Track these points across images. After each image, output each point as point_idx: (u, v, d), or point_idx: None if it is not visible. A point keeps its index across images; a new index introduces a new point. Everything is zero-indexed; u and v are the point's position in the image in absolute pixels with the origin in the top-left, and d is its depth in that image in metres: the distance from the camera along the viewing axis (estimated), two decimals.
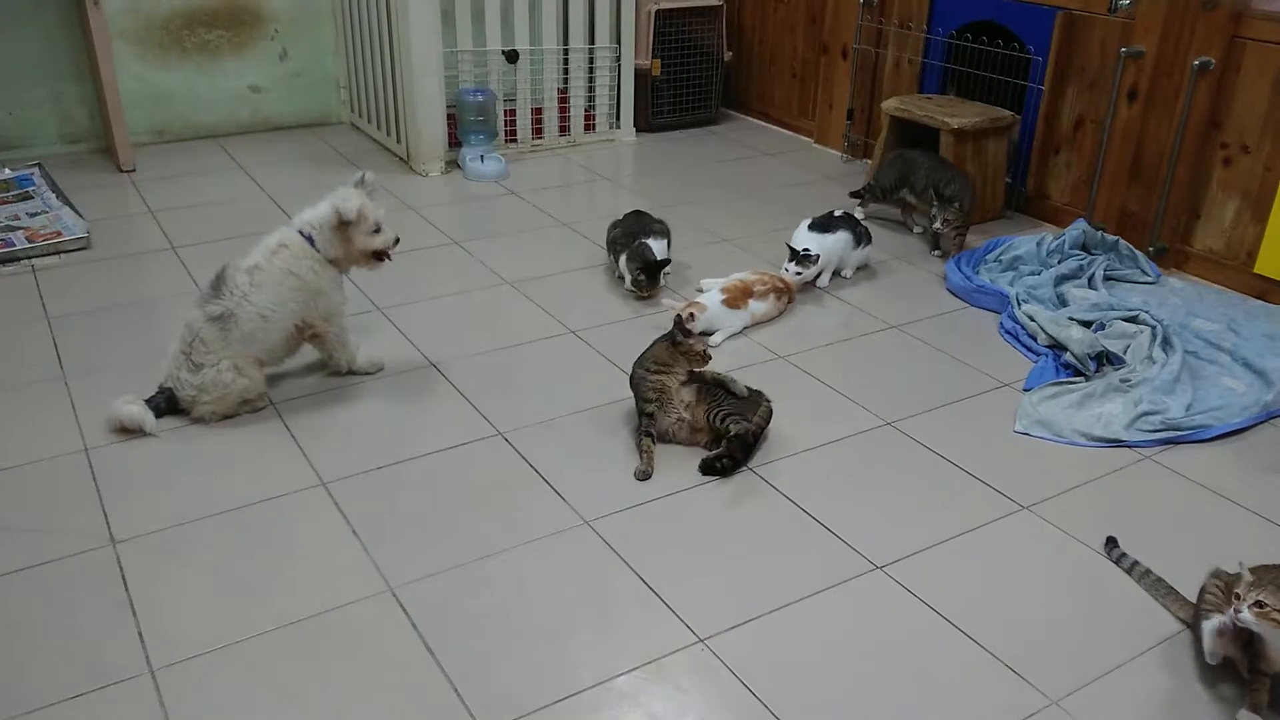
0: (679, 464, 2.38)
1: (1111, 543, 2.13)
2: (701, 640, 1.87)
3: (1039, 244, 3.43)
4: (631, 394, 2.48)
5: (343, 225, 2.51)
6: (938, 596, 2.00)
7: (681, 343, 2.42)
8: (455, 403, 2.61)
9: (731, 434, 2.35)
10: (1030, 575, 2.08)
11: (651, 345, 2.48)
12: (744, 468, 2.36)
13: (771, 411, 2.43)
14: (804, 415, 2.59)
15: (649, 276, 3.15)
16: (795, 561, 2.09)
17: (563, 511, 2.21)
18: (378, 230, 2.58)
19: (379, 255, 2.62)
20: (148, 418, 2.42)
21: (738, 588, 2.00)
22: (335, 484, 2.27)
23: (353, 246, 2.56)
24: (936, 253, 3.55)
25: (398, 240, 2.64)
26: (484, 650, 1.83)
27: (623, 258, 3.20)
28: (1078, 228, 3.47)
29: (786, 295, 3.13)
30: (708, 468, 2.34)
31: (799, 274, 3.18)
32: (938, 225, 3.44)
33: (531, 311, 3.11)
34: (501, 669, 1.79)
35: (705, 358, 2.45)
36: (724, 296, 2.97)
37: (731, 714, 1.72)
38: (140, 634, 1.85)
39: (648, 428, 2.42)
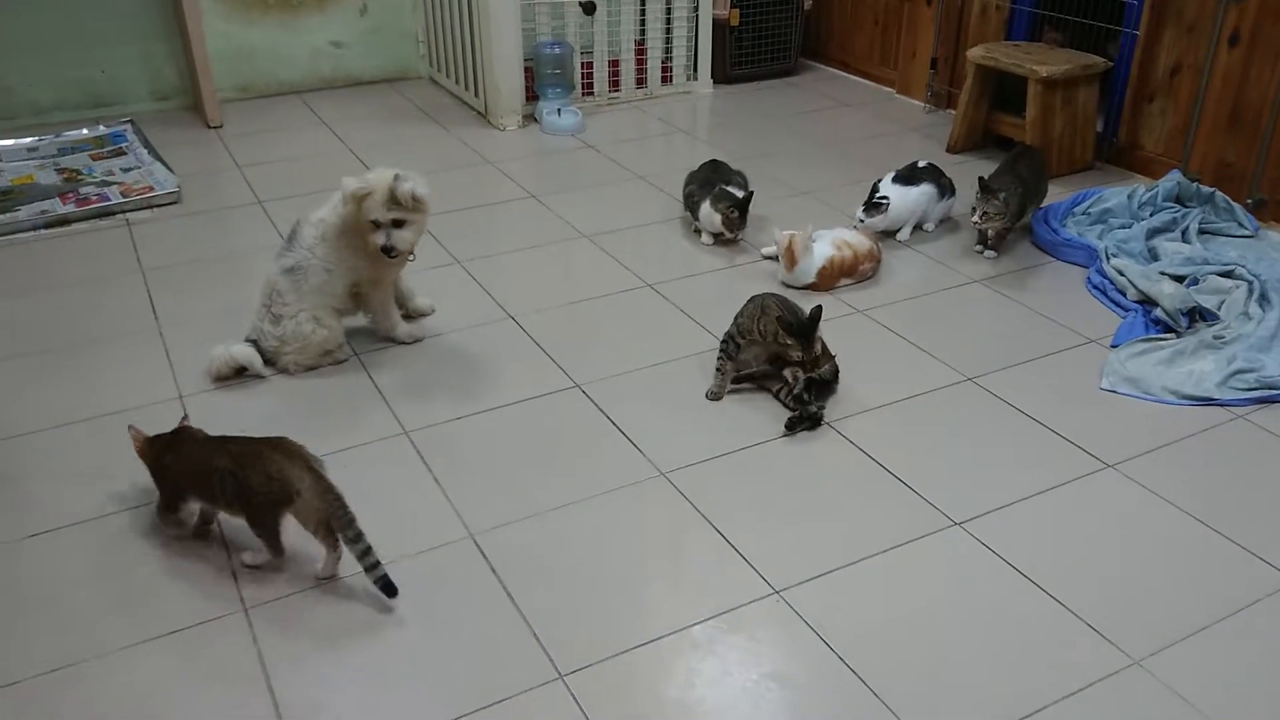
0: (756, 417, 2.38)
1: None
2: (777, 592, 1.88)
3: (1130, 196, 3.32)
4: (740, 317, 2.48)
5: (354, 200, 2.42)
6: (1018, 554, 1.97)
7: (791, 345, 2.37)
8: (533, 355, 2.64)
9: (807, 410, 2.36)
10: (1114, 534, 2.04)
11: (781, 314, 2.38)
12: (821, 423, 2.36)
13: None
14: (883, 370, 2.56)
15: (741, 213, 3.11)
16: (873, 516, 2.08)
17: (639, 463, 2.23)
18: (377, 227, 2.42)
19: (383, 249, 2.45)
20: (256, 358, 2.50)
21: (814, 541, 2.01)
22: (417, 433, 2.32)
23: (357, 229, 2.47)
24: (978, 248, 3.21)
25: (390, 250, 2.43)
26: (561, 597, 1.87)
27: (704, 205, 3.18)
28: (1172, 179, 3.35)
29: (872, 264, 3.06)
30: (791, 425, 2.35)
31: (862, 221, 3.13)
32: (976, 219, 3.08)
33: (608, 264, 3.12)
34: (578, 616, 1.83)
35: (812, 364, 2.40)
36: (824, 264, 2.92)
37: (806, 666, 1.73)
38: (234, 573, 1.92)
39: (731, 352, 2.44)
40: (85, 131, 4.06)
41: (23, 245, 3.22)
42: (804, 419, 2.34)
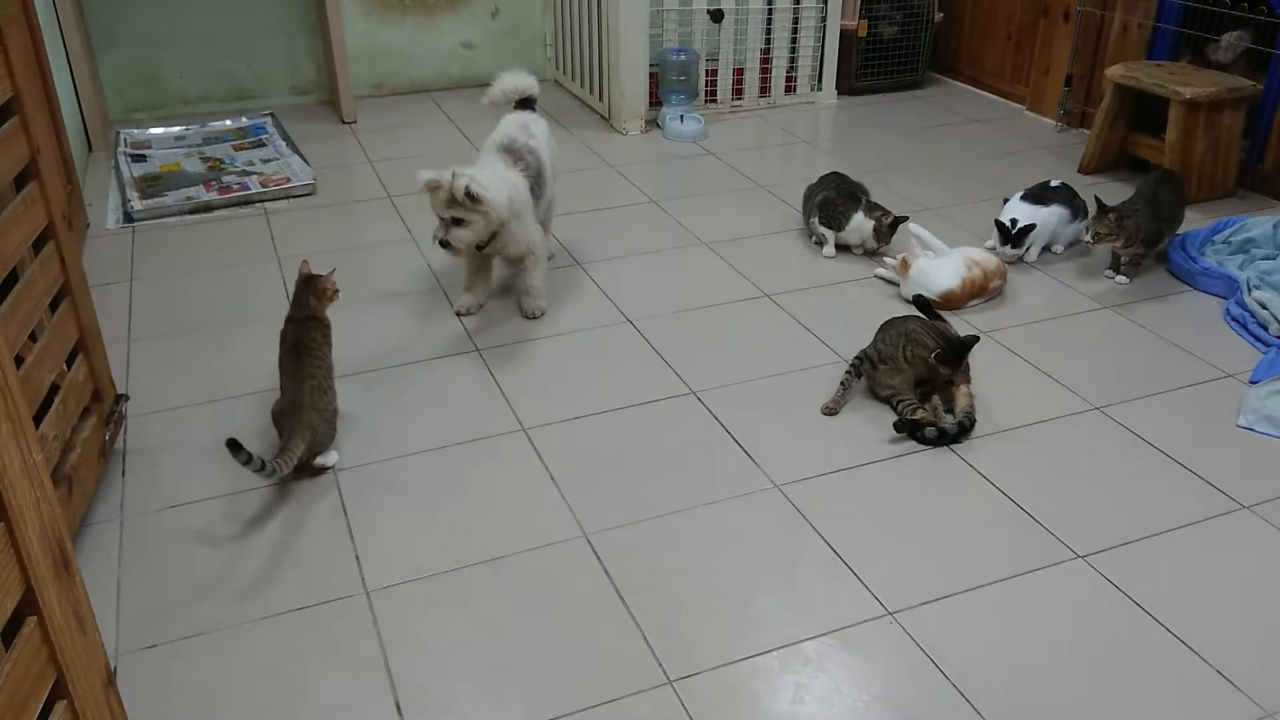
0: (873, 434, 2.35)
1: None
2: (890, 614, 1.85)
3: (1276, 226, 3.17)
4: (876, 341, 2.49)
5: (426, 190, 2.58)
6: (1144, 592, 1.91)
7: (944, 373, 2.38)
8: (650, 359, 2.66)
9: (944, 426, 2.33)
10: (1248, 579, 1.95)
11: (925, 334, 2.40)
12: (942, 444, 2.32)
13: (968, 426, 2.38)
14: (1007, 395, 2.50)
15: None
16: (991, 543, 2.03)
17: (753, 474, 2.23)
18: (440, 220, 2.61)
19: (440, 243, 2.63)
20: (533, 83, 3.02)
21: (930, 565, 1.97)
22: (535, 430, 2.36)
23: None
24: (1109, 273, 3.12)
25: (445, 245, 2.61)
26: (673, 602, 1.88)
27: (856, 216, 3.16)
28: None
29: (1000, 281, 3.00)
30: (912, 430, 2.32)
31: (1014, 253, 3.07)
32: (1088, 237, 3.02)
33: (726, 273, 3.12)
34: (689, 622, 1.84)
35: (953, 384, 2.42)
36: (957, 286, 2.87)
37: (919, 690, 1.70)
38: (357, 557, 1.98)
39: (863, 371, 2.45)
40: (229, 123, 4.24)
41: (168, 229, 3.38)
42: (930, 434, 2.32)
